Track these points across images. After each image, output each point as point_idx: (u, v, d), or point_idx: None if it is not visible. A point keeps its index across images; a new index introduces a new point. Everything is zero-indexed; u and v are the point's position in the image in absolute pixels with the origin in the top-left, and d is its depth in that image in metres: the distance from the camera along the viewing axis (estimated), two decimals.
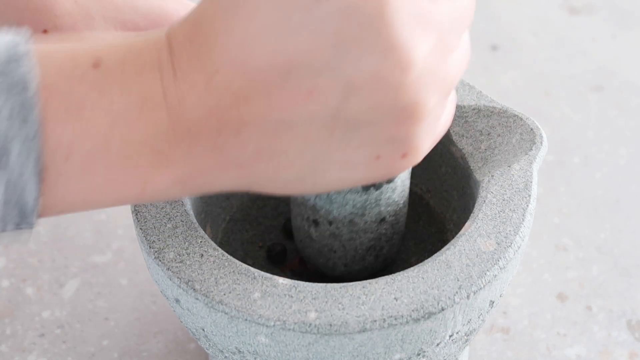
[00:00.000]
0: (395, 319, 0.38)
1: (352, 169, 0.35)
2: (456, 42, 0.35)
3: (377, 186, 0.42)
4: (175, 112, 0.32)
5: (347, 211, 0.43)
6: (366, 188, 0.42)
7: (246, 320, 0.38)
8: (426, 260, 0.40)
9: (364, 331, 0.38)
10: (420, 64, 0.32)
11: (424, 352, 0.40)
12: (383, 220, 0.44)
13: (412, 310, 0.38)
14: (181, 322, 0.44)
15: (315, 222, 0.44)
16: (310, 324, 0.38)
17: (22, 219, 0.32)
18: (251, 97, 0.32)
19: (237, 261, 0.40)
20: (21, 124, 0.30)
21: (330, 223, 0.44)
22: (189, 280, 0.39)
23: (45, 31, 0.44)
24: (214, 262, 0.40)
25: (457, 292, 0.38)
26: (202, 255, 0.40)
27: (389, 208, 0.44)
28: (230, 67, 0.32)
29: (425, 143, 0.35)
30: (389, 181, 0.42)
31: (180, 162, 0.33)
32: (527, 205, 0.42)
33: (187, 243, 0.41)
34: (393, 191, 0.43)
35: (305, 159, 0.34)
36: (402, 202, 0.45)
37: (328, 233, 0.44)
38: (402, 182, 0.43)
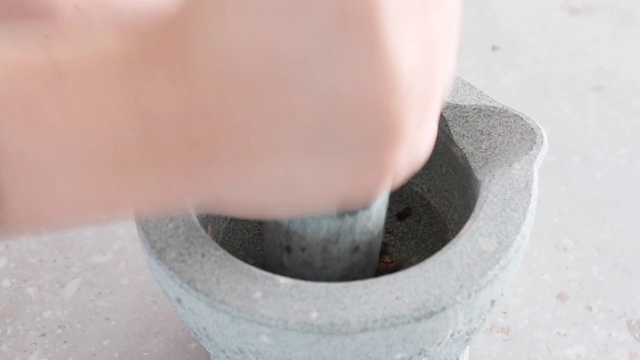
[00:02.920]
0: (397, 318, 0.38)
1: (330, 192, 0.33)
2: (442, 64, 0.33)
3: (351, 213, 0.41)
4: (143, 122, 0.30)
5: (320, 237, 0.42)
6: (341, 214, 0.41)
7: (248, 320, 0.38)
8: (427, 260, 0.40)
9: (365, 331, 0.38)
10: (408, 84, 0.30)
11: (426, 351, 0.40)
12: (357, 249, 0.43)
13: (414, 310, 0.38)
14: (183, 322, 0.44)
15: (288, 249, 0.43)
16: (312, 324, 0.38)
17: None
18: (227, 116, 0.30)
19: (238, 261, 0.40)
20: None
21: (303, 250, 0.42)
22: (190, 280, 0.39)
23: (46, 37, 0.44)
24: (215, 261, 0.40)
25: (458, 292, 0.39)
26: (204, 255, 0.40)
27: (363, 237, 0.42)
28: (205, 80, 0.30)
29: (404, 168, 0.34)
30: (365, 208, 0.41)
31: (144, 174, 0.31)
32: (528, 205, 0.42)
33: (188, 243, 0.41)
34: (368, 219, 0.42)
35: (281, 181, 0.32)
36: (376, 232, 0.43)
37: (300, 260, 0.43)
38: (377, 211, 0.42)
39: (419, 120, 0.32)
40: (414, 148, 0.33)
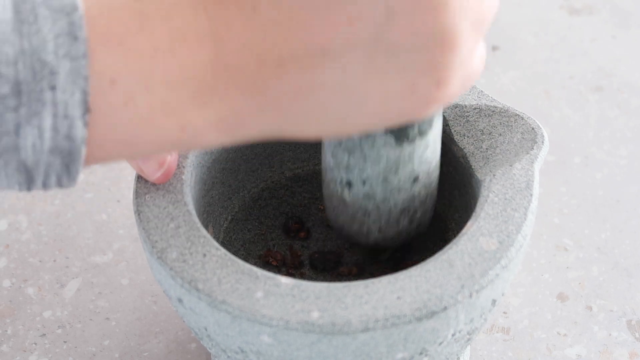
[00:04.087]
0: (398, 318, 0.38)
1: (389, 101, 0.34)
2: None
3: (410, 139, 0.42)
4: (213, 48, 0.32)
5: (380, 168, 0.43)
6: (399, 141, 0.42)
7: (249, 319, 0.38)
8: (429, 259, 0.40)
9: (366, 330, 0.38)
10: None
11: (427, 351, 0.40)
12: (416, 179, 0.44)
13: (415, 310, 0.38)
14: (184, 321, 0.44)
15: (349, 184, 0.44)
16: (313, 324, 0.38)
17: (67, 167, 0.31)
18: (291, 31, 0.32)
19: (239, 261, 0.40)
20: (71, 42, 0.30)
21: (364, 183, 0.43)
22: (191, 280, 0.39)
23: None
24: (216, 261, 0.40)
25: (459, 291, 0.39)
26: (205, 254, 0.40)
27: (422, 167, 0.43)
28: (268, 2, 0.32)
29: (458, 75, 0.34)
30: (422, 135, 0.42)
31: (218, 101, 0.33)
32: (529, 204, 0.42)
33: (189, 243, 0.41)
34: (426, 147, 0.43)
35: (343, 90, 0.33)
36: (434, 161, 0.44)
37: (362, 194, 0.44)
38: (433, 140, 0.43)
39: (470, 27, 0.33)
40: (467, 62, 0.35)
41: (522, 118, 0.45)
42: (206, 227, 0.47)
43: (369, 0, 0.32)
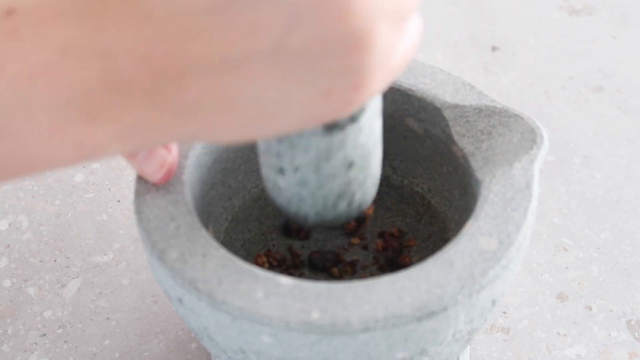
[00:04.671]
0: (399, 318, 0.38)
1: (302, 107, 0.32)
2: None
3: (340, 126, 0.40)
4: (101, 63, 0.30)
5: (311, 156, 0.41)
6: (329, 129, 0.40)
7: (249, 320, 0.38)
8: (429, 260, 0.40)
9: (367, 330, 0.38)
10: None
11: (427, 351, 0.40)
12: (352, 164, 0.42)
13: (415, 310, 0.38)
14: (184, 322, 0.44)
15: (282, 170, 0.42)
16: (314, 324, 0.38)
17: None
18: (189, 39, 0.30)
19: (240, 261, 0.40)
20: None
21: (296, 170, 0.42)
22: (192, 280, 0.39)
23: None
24: (217, 261, 0.40)
25: (460, 291, 0.39)
26: (205, 255, 0.40)
27: (356, 151, 0.41)
28: (163, 10, 0.30)
29: (377, 74, 0.32)
30: (353, 121, 0.40)
31: (113, 117, 0.31)
32: (529, 204, 0.42)
33: (189, 243, 0.41)
34: (359, 132, 0.41)
35: (250, 99, 0.32)
36: (371, 143, 0.42)
37: (295, 181, 0.42)
38: (369, 122, 0.41)
39: (385, 24, 0.31)
40: (388, 58, 0.32)
41: (522, 118, 0.46)
42: (206, 227, 0.48)
43: (271, 7, 0.30)
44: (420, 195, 0.52)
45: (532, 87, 0.73)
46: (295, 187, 0.42)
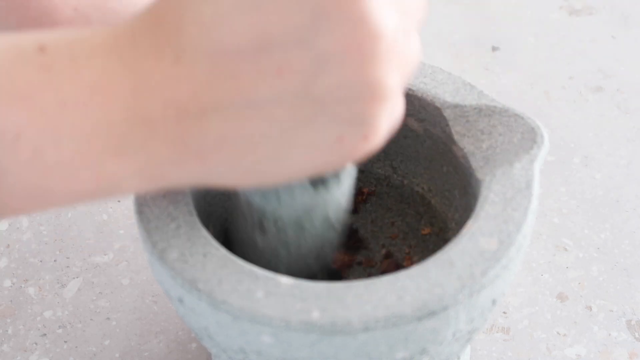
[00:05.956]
0: (399, 317, 0.38)
1: (314, 152, 0.33)
2: (414, 25, 0.34)
3: (325, 183, 0.41)
4: (129, 100, 0.31)
5: (295, 212, 0.42)
6: (315, 185, 0.40)
7: (250, 320, 0.38)
8: (429, 259, 0.40)
9: (367, 330, 0.38)
10: (389, 37, 0.31)
11: (427, 350, 0.40)
12: (331, 226, 0.43)
13: (416, 309, 0.38)
14: (184, 322, 0.44)
15: (261, 227, 0.43)
16: (314, 323, 0.38)
17: None
18: (216, 81, 0.31)
19: (240, 261, 0.40)
20: None
21: (277, 229, 0.42)
22: (192, 280, 0.39)
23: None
24: (217, 261, 0.40)
25: (460, 291, 0.39)
26: (206, 255, 0.40)
27: (334, 209, 0.42)
28: (193, 52, 0.30)
29: (385, 126, 0.34)
30: (337, 179, 0.41)
31: (135, 152, 0.32)
32: (529, 204, 0.42)
33: (190, 243, 0.41)
34: (342, 195, 0.42)
35: (269, 143, 0.32)
36: (344, 200, 0.43)
37: (275, 240, 0.43)
38: (349, 187, 0.42)
39: (398, 76, 0.33)
40: (394, 105, 0.34)
41: (522, 118, 0.46)
42: (207, 227, 0.48)
43: (299, 52, 0.30)
44: (421, 195, 0.52)
45: (532, 87, 0.73)
46: (274, 243, 0.43)
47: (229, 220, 0.50)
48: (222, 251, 0.41)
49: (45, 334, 0.56)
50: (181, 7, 0.31)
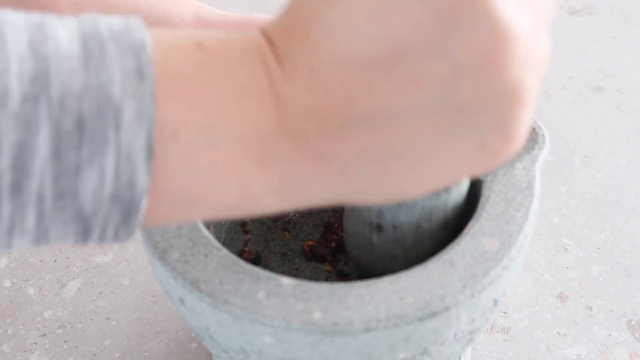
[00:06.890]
0: (400, 318, 0.38)
1: (457, 162, 0.32)
2: (545, 24, 0.33)
3: (446, 188, 0.41)
4: (277, 108, 0.30)
5: (415, 215, 0.42)
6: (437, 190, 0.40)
7: (251, 320, 0.38)
8: (430, 260, 0.40)
9: (368, 330, 0.38)
10: (523, 40, 0.31)
11: (428, 351, 0.40)
12: (447, 225, 0.43)
13: (417, 310, 0.38)
14: (185, 322, 0.44)
15: (379, 227, 0.42)
16: (315, 324, 0.38)
17: (125, 219, 0.30)
18: (354, 94, 0.30)
19: (241, 261, 0.40)
20: (138, 80, 0.29)
21: (395, 228, 0.42)
22: (193, 280, 0.39)
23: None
24: (218, 262, 0.40)
25: (461, 291, 0.39)
26: (207, 255, 0.40)
27: (453, 212, 0.43)
28: (329, 64, 0.30)
29: (525, 128, 0.33)
30: (457, 183, 0.40)
31: (279, 165, 0.31)
32: (530, 205, 0.42)
33: (191, 243, 0.41)
34: (460, 195, 0.42)
35: (411, 155, 0.31)
36: (462, 202, 0.43)
37: (392, 238, 0.43)
38: (466, 187, 0.43)
39: (535, 78, 0.32)
40: (532, 107, 0.33)
41: None
42: (207, 227, 0.47)
43: (434, 62, 0.30)
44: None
45: None
46: (391, 244, 0.43)
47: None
48: (224, 251, 0.41)
49: (45, 334, 0.56)
50: (309, 16, 0.30)
